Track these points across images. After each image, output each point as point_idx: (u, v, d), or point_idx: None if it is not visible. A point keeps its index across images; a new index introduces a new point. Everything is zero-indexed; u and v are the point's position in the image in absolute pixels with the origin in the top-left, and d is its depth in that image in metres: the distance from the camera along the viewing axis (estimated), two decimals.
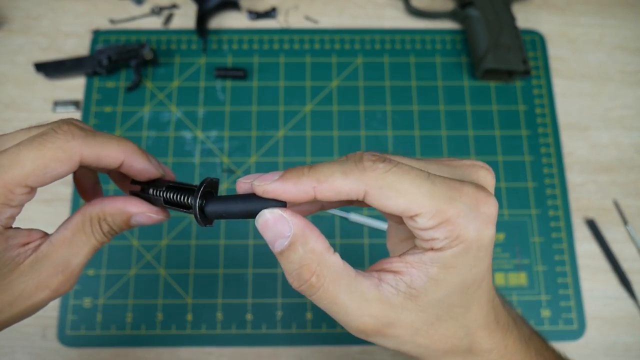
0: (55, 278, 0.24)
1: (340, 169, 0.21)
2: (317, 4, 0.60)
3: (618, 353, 0.49)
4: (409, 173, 0.21)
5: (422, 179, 0.21)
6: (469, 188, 0.21)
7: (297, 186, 0.21)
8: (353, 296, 0.22)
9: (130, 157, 0.24)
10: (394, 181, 0.21)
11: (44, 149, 0.22)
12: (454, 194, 0.21)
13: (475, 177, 0.23)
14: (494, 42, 0.54)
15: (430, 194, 0.20)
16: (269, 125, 0.55)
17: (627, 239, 0.52)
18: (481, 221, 0.21)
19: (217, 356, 0.48)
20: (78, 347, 0.48)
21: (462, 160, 0.24)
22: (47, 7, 0.59)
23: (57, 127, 0.22)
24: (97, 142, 0.23)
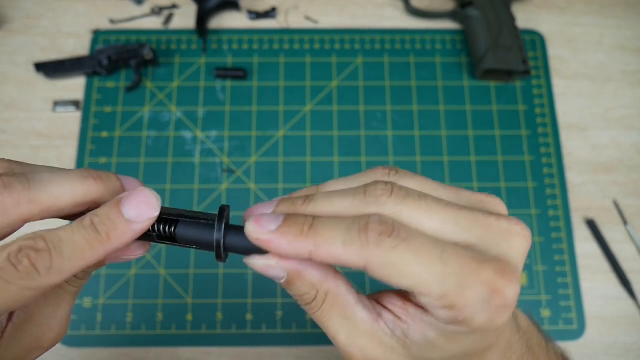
0: (46, 338, 0.22)
1: (342, 237, 0.19)
2: (317, 4, 0.60)
3: (618, 353, 0.49)
4: (418, 253, 0.18)
5: (433, 260, 0.18)
6: (488, 273, 0.18)
7: (292, 245, 0.19)
8: (345, 322, 0.21)
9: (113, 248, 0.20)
10: (399, 261, 0.18)
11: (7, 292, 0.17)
12: (468, 280, 0.18)
13: (506, 247, 0.20)
14: (494, 42, 0.54)
15: (439, 278, 0.18)
16: (269, 125, 0.55)
17: (627, 238, 0.52)
18: (494, 311, 0.18)
19: (217, 356, 0.48)
20: (78, 347, 0.48)
21: (500, 220, 0.20)
22: (47, 7, 0.59)
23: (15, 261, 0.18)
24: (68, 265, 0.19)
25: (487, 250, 0.19)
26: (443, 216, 0.19)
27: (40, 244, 0.18)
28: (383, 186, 0.20)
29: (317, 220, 0.19)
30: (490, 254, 0.19)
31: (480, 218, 0.20)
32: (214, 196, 0.52)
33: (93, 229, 0.19)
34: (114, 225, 0.19)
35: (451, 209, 0.20)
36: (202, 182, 0.53)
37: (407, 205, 0.19)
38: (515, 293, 0.19)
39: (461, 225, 0.19)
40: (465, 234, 0.19)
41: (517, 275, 0.19)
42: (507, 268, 0.19)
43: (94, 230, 0.19)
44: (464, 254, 0.19)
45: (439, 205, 0.20)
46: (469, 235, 0.19)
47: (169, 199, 0.52)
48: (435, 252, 0.18)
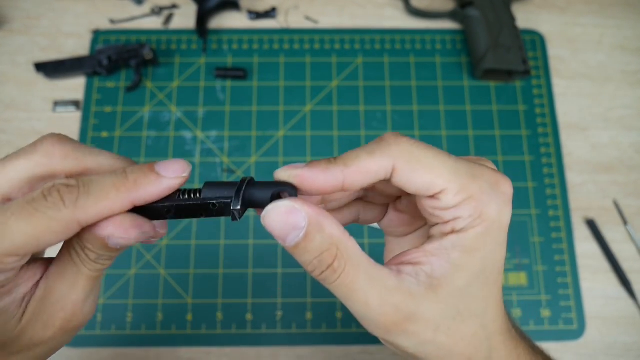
0: (57, 316, 0.23)
1: (365, 150, 0.21)
2: (317, 4, 0.60)
3: (618, 353, 0.49)
4: (432, 148, 0.21)
5: (445, 155, 0.21)
6: (488, 169, 0.22)
7: (325, 173, 0.21)
8: (373, 283, 0.20)
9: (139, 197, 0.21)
10: (420, 155, 0.21)
11: (34, 220, 0.19)
12: (476, 172, 0.21)
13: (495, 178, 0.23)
14: (494, 42, 0.54)
15: (455, 170, 0.21)
16: (269, 125, 0.55)
17: (627, 238, 0.52)
18: (501, 200, 0.21)
19: (217, 356, 0.48)
20: (78, 347, 0.48)
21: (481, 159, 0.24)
22: (47, 7, 0.59)
23: (47, 192, 0.20)
24: (93, 201, 0.20)
25: None
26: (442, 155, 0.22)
27: (72, 181, 0.20)
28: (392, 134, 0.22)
29: (342, 155, 0.22)
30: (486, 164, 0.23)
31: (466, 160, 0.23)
32: None
33: (123, 175, 0.21)
34: (144, 174, 0.21)
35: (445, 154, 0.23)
36: (202, 182, 0.53)
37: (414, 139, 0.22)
38: (511, 189, 0.22)
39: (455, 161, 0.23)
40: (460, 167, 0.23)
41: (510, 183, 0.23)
42: (501, 173, 0.22)
43: (123, 176, 0.21)
44: (469, 159, 0.22)
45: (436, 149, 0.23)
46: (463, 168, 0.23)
47: None
48: (445, 154, 0.21)
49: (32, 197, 0.19)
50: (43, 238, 0.19)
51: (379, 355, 0.48)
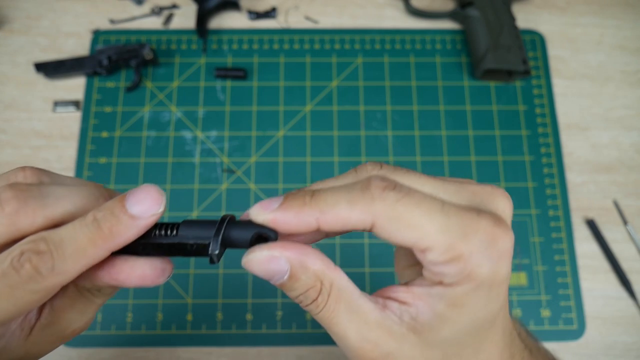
0: (66, 335, 0.23)
1: (346, 198, 0.19)
2: (317, 4, 0.60)
3: (618, 353, 0.49)
4: (421, 204, 0.19)
5: (435, 210, 0.19)
6: (486, 221, 0.19)
7: (298, 217, 0.19)
8: (353, 317, 0.20)
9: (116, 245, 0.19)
10: (405, 212, 0.19)
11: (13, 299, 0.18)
12: (469, 228, 0.19)
13: (494, 207, 0.21)
14: (494, 42, 0.54)
15: (443, 228, 0.19)
16: (269, 125, 0.55)
17: (627, 238, 0.52)
18: (496, 258, 0.19)
19: (217, 356, 0.48)
20: (78, 347, 0.48)
21: (481, 186, 0.21)
22: (47, 7, 0.59)
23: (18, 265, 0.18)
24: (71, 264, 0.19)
25: (478, 207, 0.20)
26: (432, 184, 0.20)
27: (42, 245, 0.18)
28: (371, 165, 0.21)
29: (317, 191, 0.20)
30: (483, 209, 0.20)
31: (464, 186, 0.21)
32: (214, 196, 0.52)
33: (96, 225, 0.19)
34: (117, 220, 0.19)
35: (437, 179, 0.21)
36: (202, 182, 0.53)
37: (396, 175, 0.20)
38: (510, 243, 0.20)
39: (449, 191, 0.20)
40: (454, 197, 0.20)
41: (509, 227, 0.20)
42: (501, 219, 0.20)
43: (96, 227, 0.19)
44: (462, 206, 0.20)
45: (426, 176, 0.21)
46: (457, 198, 0.20)
47: (169, 199, 0.52)
48: (437, 204, 0.19)
49: (2, 272, 0.18)
50: (27, 309, 0.19)
51: None
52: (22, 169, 0.21)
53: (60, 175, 0.22)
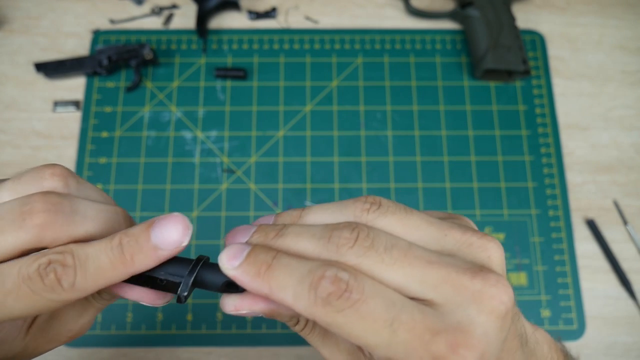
0: (65, 335, 0.24)
1: (293, 289, 0.18)
2: (317, 4, 0.60)
3: (618, 353, 0.49)
4: (365, 318, 0.17)
5: (380, 327, 0.17)
6: (439, 347, 0.17)
7: (251, 284, 0.19)
8: (326, 342, 0.22)
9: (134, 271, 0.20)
10: (345, 324, 0.17)
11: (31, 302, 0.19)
12: (415, 352, 0.17)
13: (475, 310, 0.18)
14: (494, 42, 0.54)
15: (386, 344, 0.17)
16: (269, 125, 0.55)
17: (627, 239, 0.52)
18: None
19: (217, 356, 0.48)
20: (78, 347, 0.48)
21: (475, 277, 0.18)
22: (47, 7, 0.59)
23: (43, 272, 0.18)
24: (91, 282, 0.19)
25: (449, 313, 0.18)
26: (409, 271, 0.18)
27: (69, 259, 0.19)
28: (348, 234, 0.19)
29: (276, 260, 0.19)
30: (452, 320, 0.18)
31: (451, 277, 0.18)
32: (214, 196, 0.52)
33: (119, 250, 0.20)
34: (140, 248, 0.20)
35: (420, 263, 0.19)
36: (202, 182, 0.53)
37: (368, 258, 0.19)
38: (477, 349, 0.17)
39: (427, 283, 0.18)
40: (430, 292, 0.18)
41: (475, 349, 0.17)
42: (464, 340, 0.17)
43: (120, 252, 0.19)
44: (419, 321, 0.17)
45: (406, 257, 0.19)
46: (434, 293, 0.18)
47: (169, 199, 0.52)
48: (386, 318, 0.17)
49: (28, 275, 0.18)
50: (38, 312, 0.19)
51: None
52: (51, 168, 0.21)
53: (86, 183, 0.23)
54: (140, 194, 0.52)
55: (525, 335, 0.22)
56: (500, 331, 0.18)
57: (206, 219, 0.52)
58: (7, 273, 0.18)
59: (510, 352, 0.20)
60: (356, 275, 0.18)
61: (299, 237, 0.20)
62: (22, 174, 0.21)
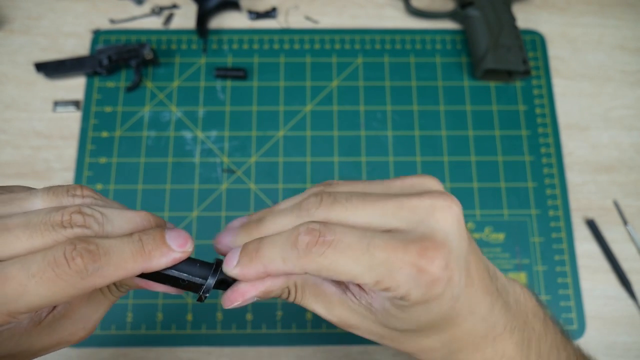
0: (77, 335, 0.24)
1: (280, 254, 0.22)
2: (317, 4, 0.60)
3: (618, 353, 0.49)
4: (344, 252, 0.21)
5: (360, 253, 0.21)
6: (411, 255, 0.20)
7: (251, 271, 0.22)
8: (319, 299, 0.24)
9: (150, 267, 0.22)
10: (330, 264, 0.21)
11: (55, 287, 0.19)
12: (394, 265, 0.20)
13: (432, 221, 0.21)
14: (494, 42, 0.54)
15: (370, 268, 0.21)
16: (269, 125, 0.55)
17: (627, 239, 0.52)
18: (425, 286, 0.21)
19: (217, 356, 0.48)
20: (78, 347, 0.48)
21: (422, 197, 0.22)
22: (47, 7, 0.59)
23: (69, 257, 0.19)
24: (112, 270, 0.21)
25: (413, 230, 0.21)
26: (369, 210, 0.22)
27: (93, 247, 0.20)
28: (313, 198, 0.23)
29: (262, 242, 0.22)
30: (415, 234, 0.21)
31: (404, 203, 0.22)
32: (214, 196, 0.52)
33: (140, 245, 0.21)
34: (157, 245, 0.22)
35: (376, 201, 0.22)
36: (202, 182, 0.53)
37: (334, 209, 0.22)
38: (439, 266, 0.20)
39: (387, 214, 0.22)
40: (392, 220, 0.22)
41: (441, 249, 0.21)
42: (430, 245, 0.21)
43: (140, 246, 0.21)
44: (389, 241, 0.21)
45: (364, 201, 0.22)
46: (395, 220, 0.22)
47: (169, 199, 0.52)
48: (362, 246, 0.21)
49: (54, 259, 0.19)
50: (59, 301, 0.20)
51: (378, 356, 0.48)
52: (81, 186, 0.23)
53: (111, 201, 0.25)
54: (140, 194, 0.52)
55: (493, 271, 0.26)
56: (459, 232, 0.22)
57: (206, 219, 0.52)
58: (32, 259, 0.19)
59: (475, 257, 0.24)
60: (325, 223, 0.21)
61: (275, 218, 0.24)
62: (54, 187, 0.23)
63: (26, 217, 0.20)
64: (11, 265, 0.19)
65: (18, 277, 0.19)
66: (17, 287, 0.19)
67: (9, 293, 0.19)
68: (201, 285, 0.23)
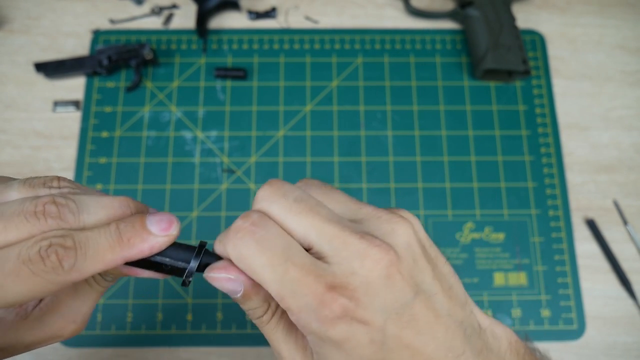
0: (67, 329, 0.24)
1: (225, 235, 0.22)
2: (317, 4, 0.60)
3: (618, 353, 0.49)
4: (264, 253, 0.20)
5: (276, 262, 0.20)
6: (319, 287, 0.20)
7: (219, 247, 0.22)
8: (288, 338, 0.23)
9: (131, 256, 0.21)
10: (248, 256, 0.20)
11: (31, 283, 0.19)
12: (299, 288, 0.20)
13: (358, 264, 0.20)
14: (494, 42, 0.54)
15: (279, 280, 0.20)
16: (269, 125, 0.55)
17: (627, 239, 0.52)
18: (323, 320, 0.20)
19: (217, 356, 0.48)
20: (78, 347, 0.48)
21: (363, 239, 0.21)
22: (47, 7, 0.59)
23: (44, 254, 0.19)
24: (90, 264, 0.20)
25: (337, 264, 0.20)
26: (310, 223, 0.21)
27: (69, 242, 0.20)
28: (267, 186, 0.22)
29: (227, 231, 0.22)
30: (336, 270, 0.20)
31: (345, 234, 0.21)
32: (214, 196, 0.52)
33: (117, 234, 0.21)
34: (136, 232, 0.21)
35: (320, 219, 0.21)
36: (202, 182, 0.53)
37: (277, 205, 0.22)
38: (341, 305, 0.19)
39: (323, 237, 0.21)
40: (325, 245, 0.21)
41: (350, 290, 0.20)
42: (339, 284, 0.20)
43: (117, 235, 0.21)
44: (308, 265, 0.20)
45: (309, 212, 0.21)
46: (327, 248, 0.21)
47: (169, 199, 0.52)
48: (281, 256, 0.20)
49: (29, 257, 0.19)
50: (37, 297, 0.20)
51: None
52: (57, 177, 0.23)
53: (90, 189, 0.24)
54: (140, 194, 0.52)
55: (477, 325, 0.24)
56: (387, 282, 0.20)
57: (206, 219, 0.52)
58: (6, 256, 0.19)
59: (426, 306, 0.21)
60: (262, 217, 0.21)
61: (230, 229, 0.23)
62: (31, 178, 0.22)
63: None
64: None
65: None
66: None
67: None
68: (184, 270, 0.23)
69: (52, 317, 0.23)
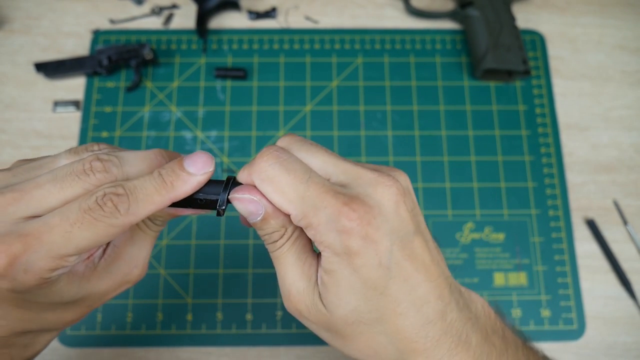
0: (133, 274, 0.27)
1: (246, 165, 0.25)
2: (317, 4, 0.60)
3: (618, 353, 0.49)
4: (288, 173, 0.23)
5: (298, 181, 0.23)
6: (337, 201, 0.22)
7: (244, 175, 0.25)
8: (297, 263, 0.25)
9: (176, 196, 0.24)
10: (274, 176, 0.23)
11: (96, 229, 0.22)
12: (321, 203, 0.22)
13: (371, 190, 0.23)
14: (494, 42, 0.54)
15: (301, 198, 0.23)
16: (269, 125, 0.55)
17: (627, 239, 0.52)
18: (339, 231, 0.22)
19: (217, 356, 0.48)
20: (78, 347, 0.48)
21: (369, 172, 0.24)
22: (47, 7, 0.59)
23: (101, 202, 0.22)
24: (142, 207, 0.23)
25: (352, 188, 0.23)
26: (326, 159, 0.24)
27: (120, 190, 0.22)
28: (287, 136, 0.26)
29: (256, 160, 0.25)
30: (352, 191, 0.23)
31: (357, 169, 0.24)
32: None
33: (160, 179, 0.23)
34: (177, 175, 0.24)
35: (335, 157, 0.24)
36: None
37: (296, 143, 0.25)
38: (358, 218, 0.22)
39: (338, 168, 0.24)
40: (340, 175, 0.24)
41: (367, 209, 0.22)
42: (356, 201, 0.22)
43: (161, 180, 0.23)
44: (327, 184, 0.23)
45: (324, 153, 0.25)
46: (343, 177, 0.24)
47: None
48: (304, 176, 0.23)
49: (88, 206, 0.22)
50: (102, 240, 0.22)
51: None
52: (96, 144, 0.26)
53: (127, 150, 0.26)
54: None
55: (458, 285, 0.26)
56: (395, 209, 0.23)
57: (206, 219, 0.52)
58: (69, 209, 0.22)
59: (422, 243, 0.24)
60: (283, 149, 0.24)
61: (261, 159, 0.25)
62: (75, 147, 0.26)
63: (53, 173, 0.23)
64: (52, 216, 0.22)
65: (61, 225, 0.21)
66: (62, 234, 0.21)
67: (56, 240, 0.21)
68: (216, 201, 0.25)
69: (117, 265, 0.26)
